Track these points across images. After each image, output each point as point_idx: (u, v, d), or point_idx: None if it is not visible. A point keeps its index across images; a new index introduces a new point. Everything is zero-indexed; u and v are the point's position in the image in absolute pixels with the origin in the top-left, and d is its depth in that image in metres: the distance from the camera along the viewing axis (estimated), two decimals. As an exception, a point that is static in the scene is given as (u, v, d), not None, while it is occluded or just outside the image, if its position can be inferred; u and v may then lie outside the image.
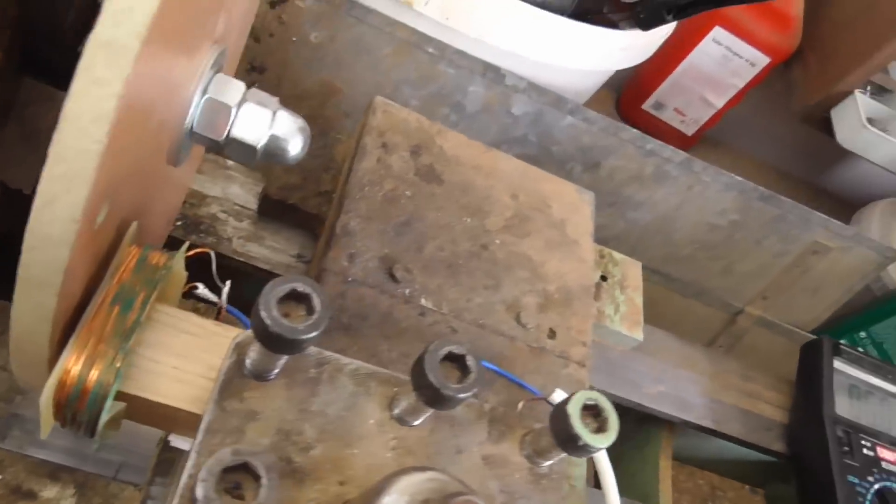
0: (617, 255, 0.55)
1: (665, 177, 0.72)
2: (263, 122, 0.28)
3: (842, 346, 0.55)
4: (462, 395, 0.21)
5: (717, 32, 0.92)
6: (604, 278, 0.53)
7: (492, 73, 0.63)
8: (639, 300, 0.53)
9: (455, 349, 0.22)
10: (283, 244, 0.45)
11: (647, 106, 1.04)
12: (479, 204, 0.46)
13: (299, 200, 0.45)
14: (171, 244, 0.45)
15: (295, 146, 0.29)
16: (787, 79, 0.95)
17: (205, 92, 0.28)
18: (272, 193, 0.44)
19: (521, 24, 0.58)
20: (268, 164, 0.42)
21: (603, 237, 0.79)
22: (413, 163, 0.45)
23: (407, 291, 0.40)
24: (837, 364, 0.54)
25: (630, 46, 0.64)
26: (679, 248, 0.79)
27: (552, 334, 0.43)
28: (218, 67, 0.29)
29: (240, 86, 0.29)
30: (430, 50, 0.62)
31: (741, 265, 0.81)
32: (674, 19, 0.60)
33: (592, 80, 0.71)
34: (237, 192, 0.46)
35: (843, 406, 0.52)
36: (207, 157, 0.47)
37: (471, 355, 0.22)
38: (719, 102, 0.99)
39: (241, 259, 0.44)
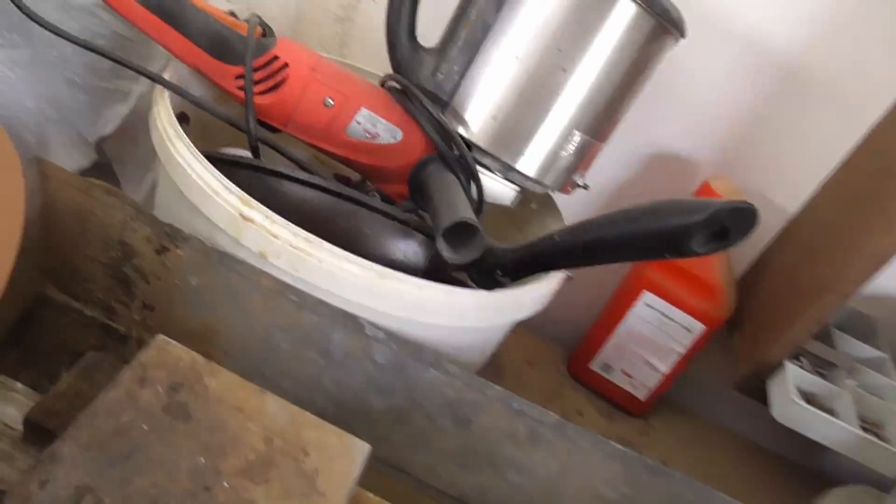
0: (407, 515, 0.52)
1: (540, 439, 0.69)
2: None
3: None
4: None
5: (648, 297, 0.93)
6: (379, 538, 0.50)
7: (351, 322, 0.67)
8: (415, 568, 0.49)
9: None
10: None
11: (594, 367, 1.02)
12: (223, 445, 0.46)
13: (56, 427, 0.47)
14: (-83, 458, 0.47)
15: None
16: (730, 346, 0.93)
17: None
18: (32, 416, 0.47)
19: (366, 282, 0.62)
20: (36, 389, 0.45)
21: (486, 500, 0.75)
22: (166, 398, 0.47)
23: (89, 526, 0.40)
24: None
25: (488, 306, 0.66)
26: (571, 520, 0.73)
27: (244, 591, 0.41)
28: None
29: None
30: (293, 298, 0.67)
31: (647, 546, 0.73)
32: (512, 281, 0.62)
33: (469, 336, 0.72)
34: (12, 412, 0.49)
35: None
36: (-3, 379, 0.51)
37: None
38: (664, 367, 0.97)
39: (-19, 479, 0.45)
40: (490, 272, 0.61)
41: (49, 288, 0.75)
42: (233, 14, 0.70)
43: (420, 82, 0.71)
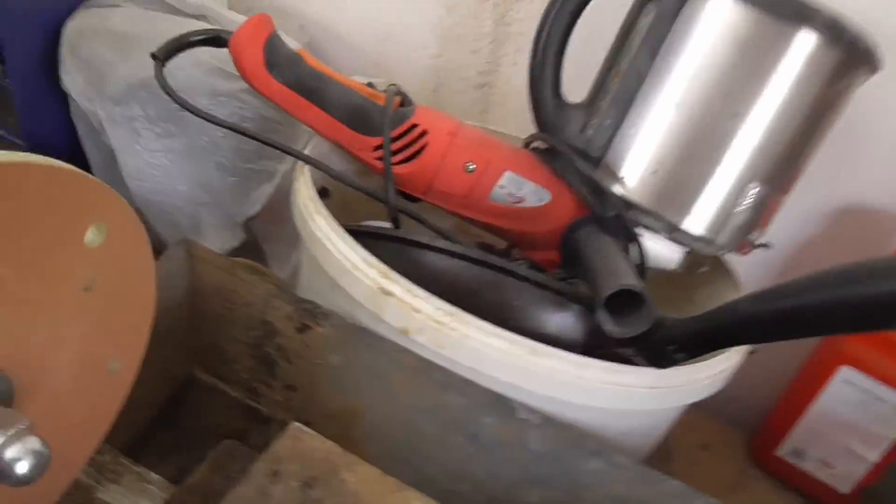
0: None
1: (729, 547, 0.58)
2: (-10, 443, 0.30)
3: None
4: None
5: (847, 372, 0.79)
6: None
7: (501, 404, 0.60)
8: None
9: None
10: (163, 570, 0.44)
11: (782, 453, 0.88)
12: (362, 552, 0.41)
13: (187, 524, 0.44)
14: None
15: (22, 467, 0.30)
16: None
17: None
18: (164, 513, 0.44)
19: (517, 359, 0.56)
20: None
21: None
22: (301, 495, 0.43)
23: None
24: None
25: (658, 386, 0.57)
26: None
27: None
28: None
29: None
30: (438, 377, 0.61)
31: None
32: (688, 358, 0.54)
33: (636, 420, 0.64)
34: (146, 507, 0.46)
35: None
36: (134, 468, 0.49)
37: None
38: (872, 456, 0.82)
39: (111, 580, 0.42)
40: (661, 347, 0.52)
41: (197, 369, 0.75)
42: (371, 85, 0.69)
43: (568, 140, 0.65)
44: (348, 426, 0.67)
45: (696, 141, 0.61)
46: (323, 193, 0.70)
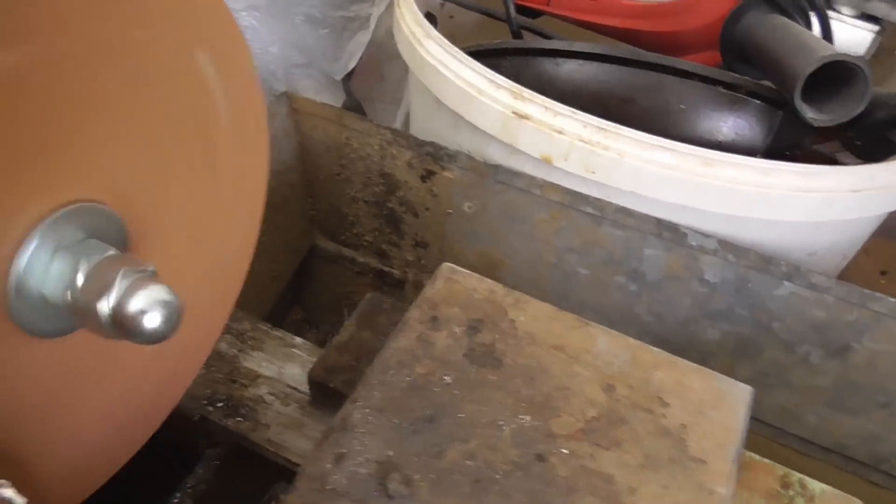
0: (814, 486, 0.37)
1: (961, 366, 0.49)
2: (110, 290, 0.24)
3: None
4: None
5: None
6: (780, 519, 0.35)
7: (668, 231, 0.52)
8: (843, 561, 0.34)
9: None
10: (325, 435, 0.39)
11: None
12: (549, 397, 0.34)
13: (342, 384, 0.39)
14: (206, 428, 0.41)
15: (151, 320, 0.24)
16: None
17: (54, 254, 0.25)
18: (315, 375, 0.39)
19: (686, 174, 0.47)
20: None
21: (877, 453, 0.56)
22: (466, 341, 0.36)
23: (399, 512, 0.30)
24: None
25: (872, 185, 0.47)
26: None
27: None
28: (84, 230, 0.26)
29: (101, 248, 0.25)
30: (589, 210, 0.53)
31: None
32: (912, 142, 0.43)
33: (831, 235, 0.54)
34: (295, 372, 0.42)
35: None
36: (274, 333, 0.45)
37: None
38: None
39: (272, 449, 0.38)
40: (877, 131, 0.42)
41: (319, 238, 0.70)
42: None
43: None
44: (490, 279, 0.61)
45: None
46: (428, 20, 0.60)
